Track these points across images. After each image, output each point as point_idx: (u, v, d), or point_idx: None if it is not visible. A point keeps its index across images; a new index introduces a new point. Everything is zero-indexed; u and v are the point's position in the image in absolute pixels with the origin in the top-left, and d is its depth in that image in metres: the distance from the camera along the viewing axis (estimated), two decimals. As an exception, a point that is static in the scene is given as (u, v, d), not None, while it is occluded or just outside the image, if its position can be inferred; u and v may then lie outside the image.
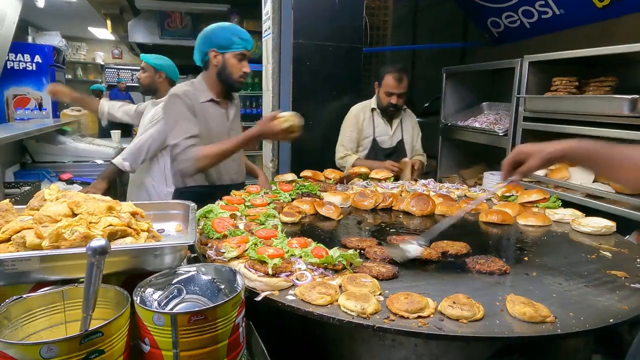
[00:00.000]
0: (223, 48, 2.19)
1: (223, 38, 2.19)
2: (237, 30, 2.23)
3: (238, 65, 2.22)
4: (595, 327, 0.97)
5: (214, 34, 2.21)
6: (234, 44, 2.19)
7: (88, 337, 0.77)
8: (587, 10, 3.19)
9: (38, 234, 0.95)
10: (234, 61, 2.21)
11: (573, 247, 1.57)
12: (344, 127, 3.09)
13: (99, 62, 11.60)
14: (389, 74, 2.88)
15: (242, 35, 2.22)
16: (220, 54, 2.20)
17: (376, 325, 0.96)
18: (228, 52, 2.19)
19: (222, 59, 2.21)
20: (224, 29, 2.21)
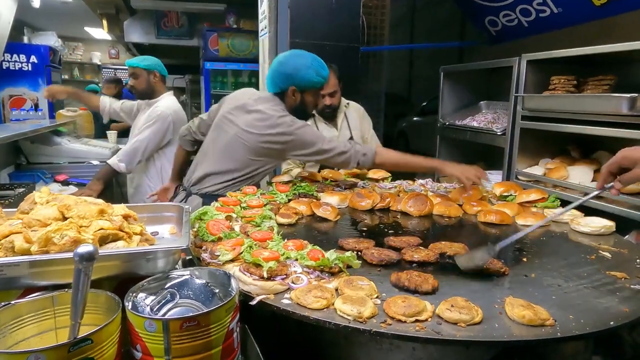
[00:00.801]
0: (304, 88, 2.16)
1: (307, 80, 2.14)
2: (319, 67, 2.15)
3: (315, 102, 2.26)
4: (595, 330, 0.95)
5: (298, 73, 2.13)
6: (316, 84, 2.17)
7: (77, 345, 0.75)
8: (585, 8, 3.18)
9: (27, 238, 0.93)
10: (311, 99, 2.22)
11: (572, 248, 1.55)
12: None
13: (96, 62, 11.57)
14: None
15: (323, 73, 2.17)
16: (299, 92, 2.18)
17: (373, 330, 0.94)
18: (307, 91, 2.18)
19: (301, 97, 2.19)
20: (308, 69, 2.12)
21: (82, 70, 11.71)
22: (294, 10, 3.20)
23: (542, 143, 2.72)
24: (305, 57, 2.18)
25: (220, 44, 5.11)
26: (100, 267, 0.94)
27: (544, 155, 2.73)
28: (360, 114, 3.00)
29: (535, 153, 2.74)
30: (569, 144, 2.68)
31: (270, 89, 2.24)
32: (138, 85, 3.05)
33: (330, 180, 2.38)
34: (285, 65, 2.17)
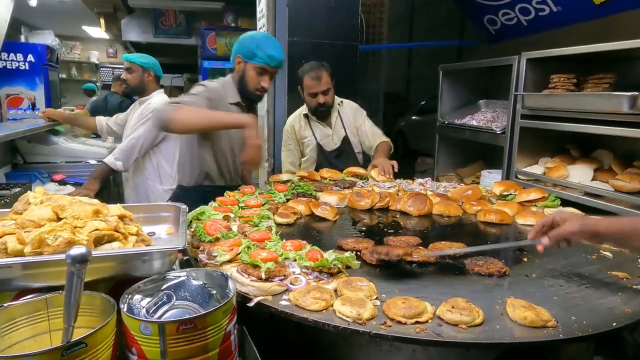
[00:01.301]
0: (247, 57, 2.17)
1: (248, 48, 2.16)
2: (267, 44, 2.17)
3: (256, 79, 2.18)
4: (598, 331, 0.94)
5: (243, 41, 2.20)
6: (256, 57, 2.14)
7: (71, 349, 0.74)
8: (584, 7, 3.17)
9: (20, 239, 0.91)
10: (252, 73, 2.18)
11: (573, 247, 1.52)
12: (283, 143, 2.93)
13: (94, 61, 11.51)
14: (306, 75, 2.67)
15: (269, 51, 2.15)
16: (243, 62, 2.19)
17: (372, 332, 0.93)
18: (249, 63, 2.17)
19: (244, 68, 2.19)
20: (252, 39, 2.18)
21: (79, 69, 11.64)
22: (292, 8, 3.18)
23: (541, 142, 2.71)
24: (260, 34, 2.24)
25: (218, 42, 5.08)
26: (96, 269, 0.93)
27: (544, 154, 2.72)
28: (353, 109, 2.93)
29: (535, 152, 2.73)
30: (569, 142, 2.67)
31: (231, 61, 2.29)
32: (131, 80, 3.05)
33: (329, 179, 2.37)
34: (242, 35, 2.25)
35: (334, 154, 2.81)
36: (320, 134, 2.82)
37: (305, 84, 2.69)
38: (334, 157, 2.80)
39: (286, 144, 2.90)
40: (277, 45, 2.22)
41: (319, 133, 2.82)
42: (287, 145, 2.89)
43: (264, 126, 3.56)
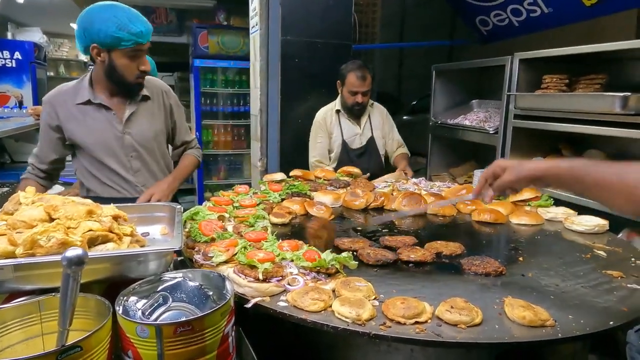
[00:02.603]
0: (107, 45, 1.70)
1: (105, 34, 1.67)
2: (124, 20, 1.68)
3: (132, 65, 1.76)
4: (595, 330, 0.95)
5: (94, 28, 1.68)
6: (122, 41, 1.69)
7: (65, 353, 0.72)
8: (575, 8, 3.20)
9: (12, 240, 0.89)
10: (124, 61, 1.74)
11: (567, 247, 1.55)
12: (312, 135, 2.94)
13: (82, 59, 11.35)
14: (351, 72, 2.73)
15: (132, 28, 1.69)
16: (104, 51, 1.73)
17: (372, 333, 0.92)
18: (115, 51, 1.72)
19: (108, 58, 1.74)
20: (106, 22, 1.66)
21: (67, 67, 11.45)
22: (286, 7, 3.16)
23: (534, 142, 2.73)
24: (106, 8, 1.72)
25: (210, 41, 5.03)
26: (90, 270, 0.91)
27: (536, 154, 2.74)
28: (384, 116, 3.05)
29: (527, 152, 2.74)
30: (561, 142, 2.69)
31: (80, 50, 1.82)
32: None
33: (323, 179, 2.36)
34: (80, 18, 1.74)
35: (357, 152, 2.89)
36: (348, 131, 2.89)
37: (349, 80, 2.75)
38: (357, 155, 2.87)
39: (316, 137, 2.92)
40: (137, 15, 1.74)
41: (346, 130, 2.88)
42: (318, 138, 2.91)
43: (257, 125, 3.54)
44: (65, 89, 1.90)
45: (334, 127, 2.88)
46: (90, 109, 1.86)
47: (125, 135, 1.90)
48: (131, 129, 1.91)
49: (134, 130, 1.92)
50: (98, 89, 1.87)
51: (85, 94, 1.85)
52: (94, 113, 1.86)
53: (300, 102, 3.28)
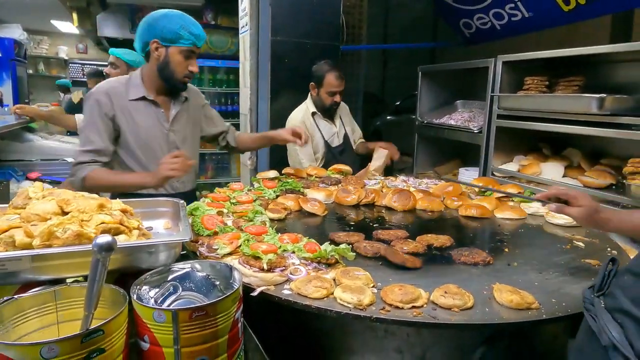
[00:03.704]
0: (167, 41, 1.86)
1: (169, 30, 1.84)
2: (187, 22, 1.88)
3: (184, 63, 1.91)
4: (576, 311, 1.03)
5: (157, 22, 1.86)
6: (181, 38, 1.86)
7: (89, 336, 0.76)
8: (554, 13, 3.34)
9: (28, 232, 0.92)
10: (179, 58, 1.89)
11: (548, 238, 1.65)
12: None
13: (63, 56, 11.13)
14: (329, 73, 2.73)
15: (193, 29, 1.88)
16: (163, 47, 1.88)
17: (373, 316, 0.99)
18: (173, 47, 1.87)
19: (166, 53, 1.88)
20: (170, 19, 1.86)
21: (47, 64, 11.22)
22: (275, 8, 3.20)
23: (516, 141, 2.85)
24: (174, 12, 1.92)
25: (198, 40, 5.03)
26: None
27: (518, 153, 2.86)
28: (347, 111, 3.12)
29: (510, 150, 2.86)
30: (541, 141, 2.82)
31: (138, 50, 1.98)
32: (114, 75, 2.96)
33: (315, 176, 2.42)
34: (148, 17, 1.91)
35: (338, 149, 2.93)
36: (327, 131, 2.93)
37: (328, 81, 2.75)
38: (339, 153, 2.92)
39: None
40: (197, 22, 1.94)
41: (325, 131, 2.92)
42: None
43: (246, 124, 3.57)
44: (116, 84, 1.96)
45: (314, 129, 2.88)
46: (142, 106, 1.95)
47: (170, 132, 2.01)
48: (175, 128, 2.03)
49: (177, 128, 2.04)
50: (148, 87, 1.97)
51: (140, 90, 1.95)
52: (145, 110, 1.96)
53: (289, 102, 3.31)
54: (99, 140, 1.86)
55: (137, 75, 1.99)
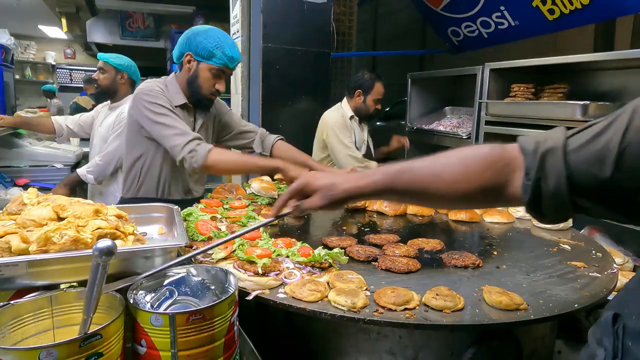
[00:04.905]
0: (200, 56, 1.93)
1: (203, 46, 1.91)
2: (224, 42, 1.93)
3: (212, 81, 1.96)
4: (563, 312, 1.07)
5: (196, 37, 1.93)
6: (214, 57, 1.91)
7: (88, 340, 0.77)
8: (539, 22, 3.42)
9: (24, 238, 0.93)
10: (207, 75, 1.95)
11: (536, 242, 1.69)
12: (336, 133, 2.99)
13: (50, 62, 11.04)
14: (378, 82, 2.98)
15: (227, 51, 1.92)
16: (195, 61, 1.95)
17: (367, 318, 1.01)
18: (204, 63, 1.94)
19: (196, 67, 1.96)
20: (208, 36, 1.92)
21: (34, 70, 11.13)
22: (267, 15, 3.24)
23: (503, 146, 2.91)
24: (214, 30, 1.97)
25: (188, 46, 5.04)
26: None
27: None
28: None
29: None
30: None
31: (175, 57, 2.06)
32: (102, 80, 2.95)
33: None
34: (189, 31, 1.99)
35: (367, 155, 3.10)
36: (359, 138, 3.10)
37: (377, 90, 2.99)
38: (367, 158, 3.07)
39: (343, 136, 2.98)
40: (234, 44, 2.00)
41: (358, 137, 3.09)
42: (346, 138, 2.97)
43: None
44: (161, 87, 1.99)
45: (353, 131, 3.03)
46: (180, 113, 1.99)
47: None
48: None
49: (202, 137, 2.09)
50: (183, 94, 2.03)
51: (182, 97, 2.02)
52: (183, 117, 2.00)
53: (280, 108, 3.35)
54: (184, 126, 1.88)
55: (173, 82, 2.04)
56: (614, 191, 0.72)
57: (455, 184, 0.88)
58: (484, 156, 0.88)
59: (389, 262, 1.31)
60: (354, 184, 0.99)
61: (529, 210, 0.84)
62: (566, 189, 0.75)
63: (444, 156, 0.92)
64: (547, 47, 3.74)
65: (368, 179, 0.98)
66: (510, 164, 0.85)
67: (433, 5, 4.24)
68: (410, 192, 0.95)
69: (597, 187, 0.73)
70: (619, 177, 0.69)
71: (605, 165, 0.70)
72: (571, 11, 3.16)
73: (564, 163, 0.75)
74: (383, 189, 0.97)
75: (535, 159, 0.79)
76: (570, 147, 0.76)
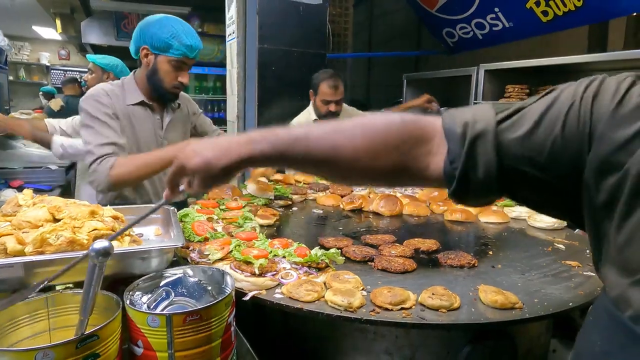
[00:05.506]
0: (157, 49, 1.80)
1: (158, 38, 1.78)
2: (180, 31, 1.79)
3: (173, 74, 1.84)
4: (557, 310, 1.07)
5: (148, 28, 1.80)
6: (171, 48, 1.79)
7: (84, 341, 0.77)
8: (533, 24, 3.45)
9: (20, 239, 0.92)
10: (167, 67, 1.82)
11: (530, 242, 1.70)
12: None
13: (44, 63, 10.97)
14: (323, 82, 2.76)
15: (185, 40, 1.80)
16: (152, 54, 1.82)
17: (363, 318, 1.01)
18: (162, 55, 1.81)
19: (154, 61, 1.83)
20: (162, 27, 1.78)
21: (28, 71, 11.04)
22: (263, 16, 3.24)
23: (498, 147, 2.92)
24: (168, 18, 1.84)
25: (184, 47, 5.04)
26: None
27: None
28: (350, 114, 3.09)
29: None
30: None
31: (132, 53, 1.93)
32: (90, 81, 3.01)
33: (304, 182, 2.44)
34: (142, 22, 1.87)
35: None
36: None
37: (321, 90, 2.78)
38: None
39: None
40: (192, 32, 1.86)
41: None
42: None
43: (234, 132, 3.58)
44: (113, 87, 1.88)
45: None
46: (140, 111, 1.89)
47: (164, 141, 1.97)
48: (168, 136, 1.99)
49: (170, 136, 2.00)
50: (143, 92, 1.91)
51: (137, 95, 1.89)
52: (143, 115, 1.90)
53: (276, 109, 3.36)
54: (115, 136, 1.74)
55: (131, 80, 1.93)
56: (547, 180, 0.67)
57: (357, 162, 0.77)
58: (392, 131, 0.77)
59: (385, 262, 1.32)
60: (234, 155, 0.85)
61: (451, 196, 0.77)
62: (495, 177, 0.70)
63: (346, 126, 0.80)
64: (541, 48, 3.77)
65: (252, 146, 0.84)
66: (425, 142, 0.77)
67: (428, 7, 4.27)
68: (305, 164, 0.84)
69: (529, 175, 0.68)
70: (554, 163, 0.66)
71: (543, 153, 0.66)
72: (565, 13, 3.19)
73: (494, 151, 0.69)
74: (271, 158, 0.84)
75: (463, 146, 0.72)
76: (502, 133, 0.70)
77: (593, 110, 0.63)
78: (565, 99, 0.67)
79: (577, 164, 0.64)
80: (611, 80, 0.66)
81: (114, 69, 3.02)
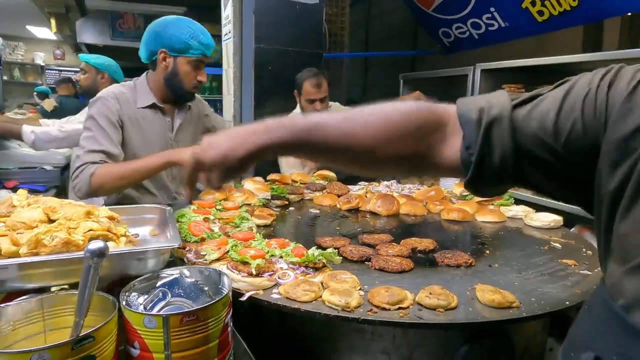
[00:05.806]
0: (176, 51, 1.83)
1: (177, 39, 1.82)
2: (197, 31, 1.85)
3: (192, 74, 1.87)
4: (554, 309, 1.08)
5: (165, 31, 1.83)
6: (191, 49, 1.83)
7: (80, 343, 0.76)
8: (529, 23, 3.46)
9: (14, 240, 0.92)
10: (187, 68, 1.86)
11: (527, 241, 1.71)
12: None
13: (39, 62, 10.91)
14: (306, 81, 2.73)
15: (203, 39, 1.85)
16: (171, 57, 1.85)
17: (361, 318, 1.01)
18: (181, 57, 1.84)
19: (173, 63, 1.85)
20: (180, 29, 1.82)
21: (23, 71, 10.98)
22: (259, 16, 3.24)
23: (494, 146, 2.93)
24: (182, 19, 1.87)
25: (179, 47, 5.01)
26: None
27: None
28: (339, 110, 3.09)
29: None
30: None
31: (143, 58, 1.94)
32: (83, 81, 2.98)
33: (300, 182, 2.44)
34: (156, 25, 1.88)
35: None
36: None
37: (305, 90, 2.75)
38: None
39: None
40: (205, 30, 1.90)
41: None
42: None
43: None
44: (124, 90, 1.89)
45: None
46: (151, 114, 1.90)
47: (174, 143, 1.98)
48: (179, 138, 2.00)
49: (181, 138, 2.01)
50: (156, 95, 1.92)
51: (149, 97, 1.90)
52: (154, 118, 1.91)
53: (273, 109, 3.35)
54: (109, 144, 1.74)
55: (143, 82, 1.94)
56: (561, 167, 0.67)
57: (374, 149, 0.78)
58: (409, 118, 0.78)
59: (383, 261, 1.32)
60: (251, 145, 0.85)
61: (467, 185, 0.77)
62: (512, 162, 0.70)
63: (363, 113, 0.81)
64: (537, 47, 3.78)
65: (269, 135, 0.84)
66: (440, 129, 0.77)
67: (424, 7, 4.27)
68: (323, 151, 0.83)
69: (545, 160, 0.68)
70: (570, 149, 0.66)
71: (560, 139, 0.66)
72: (560, 13, 3.20)
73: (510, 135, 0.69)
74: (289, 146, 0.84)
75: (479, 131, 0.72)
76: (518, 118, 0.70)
77: (609, 97, 0.64)
78: (582, 88, 0.68)
79: (593, 151, 0.64)
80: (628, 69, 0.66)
81: (108, 69, 3.00)
